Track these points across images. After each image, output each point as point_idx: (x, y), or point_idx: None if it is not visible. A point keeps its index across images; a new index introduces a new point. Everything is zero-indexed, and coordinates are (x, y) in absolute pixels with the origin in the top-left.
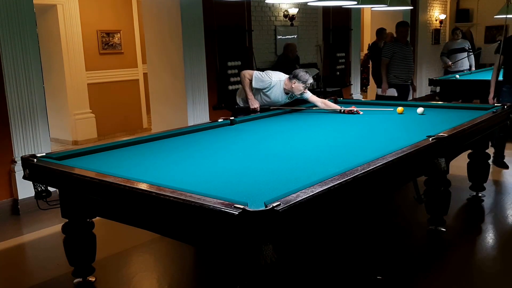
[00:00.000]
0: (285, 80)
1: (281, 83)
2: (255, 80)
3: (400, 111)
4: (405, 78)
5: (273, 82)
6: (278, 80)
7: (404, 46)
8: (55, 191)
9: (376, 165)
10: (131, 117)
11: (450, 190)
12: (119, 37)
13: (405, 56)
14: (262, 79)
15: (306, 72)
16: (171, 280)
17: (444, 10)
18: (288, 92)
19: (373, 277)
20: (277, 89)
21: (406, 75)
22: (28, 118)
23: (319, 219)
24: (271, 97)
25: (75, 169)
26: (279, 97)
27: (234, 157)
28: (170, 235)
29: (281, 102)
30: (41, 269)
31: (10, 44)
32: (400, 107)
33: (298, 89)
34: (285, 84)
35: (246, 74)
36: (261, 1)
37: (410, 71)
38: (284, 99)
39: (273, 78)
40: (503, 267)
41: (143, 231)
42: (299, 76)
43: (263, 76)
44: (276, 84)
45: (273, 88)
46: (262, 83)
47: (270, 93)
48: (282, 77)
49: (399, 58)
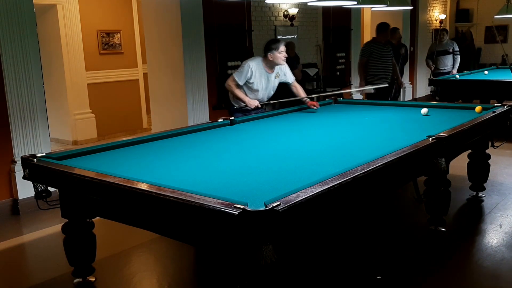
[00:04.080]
0: (262, 60)
1: (259, 63)
2: (238, 77)
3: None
4: (383, 77)
5: (251, 65)
6: (256, 62)
7: (382, 46)
8: (55, 191)
9: (376, 165)
10: (131, 117)
11: (450, 190)
12: (119, 37)
13: (382, 55)
14: (241, 70)
15: (274, 39)
16: (171, 280)
17: (444, 10)
18: (272, 69)
19: (373, 277)
20: (260, 73)
21: (384, 75)
22: (28, 118)
23: (319, 219)
24: (259, 84)
25: (75, 169)
26: (267, 80)
27: (234, 157)
28: (170, 235)
29: (272, 87)
30: (41, 269)
31: (10, 44)
32: (478, 107)
33: (277, 58)
34: (264, 63)
35: (229, 81)
36: (261, 1)
37: (387, 70)
38: (273, 81)
39: (249, 61)
40: (503, 267)
41: (143, 231)
42: (270, 47)
43: (240, 68)
44: (255, 66)
45: (256, 73)
46: (244, 74)
47: (256, 80)
48: (257, 59)
49: (376, 57)
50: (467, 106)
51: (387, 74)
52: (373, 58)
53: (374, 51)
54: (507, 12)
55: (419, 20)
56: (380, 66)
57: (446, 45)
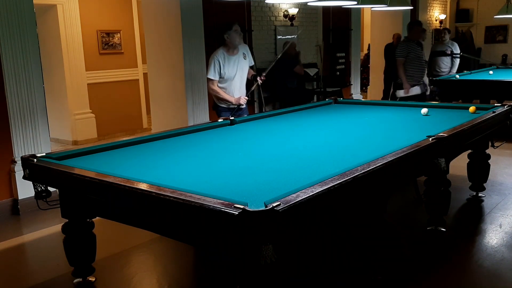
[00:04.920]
0: (222, 48)
1: (222, 52)
2: (211, 75)
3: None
4: (419, 78)
5: (216, 57)
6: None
7: (416, 45)
8: (55, 191)
9: (376, 165)
10: (131, 117)
11: (450, 190)
12: (119, 37)
13: (418, 55)
14: (210, 67)
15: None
16: (171, 280)
17: (444, 10)
18: (236, 50)
19: (373, 277)
20: (227, 61)
21: (420, 75)
22: (28, 118)
23: (319, 219)
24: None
25: (75, 169)
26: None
27: (234, 157)
28: (170, 235)
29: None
30: (41, 269)
31: (10, 44)
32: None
33: (234, 38)
34: (226, 49)
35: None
36: (261, 1)
37: (423, 71)
38: (242, 61)
39: (213, 55)
40: (503, 267)
41: (143, 231)
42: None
43: (209, 67)
44: (220, 56)
45: (223, 62)
46: (213, 67)
47: (226, 69)
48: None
49: (413, 58)
50: (467, 106)
51: (423, 74)
52: (410, 58)
53: (411, 51)
54: (507, 12)
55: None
56: (416, 67)
57: (445, 45)
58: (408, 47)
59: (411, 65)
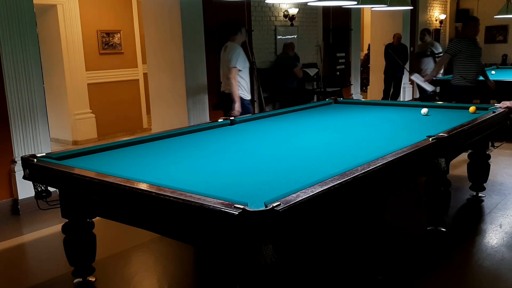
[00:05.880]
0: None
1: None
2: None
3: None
4: (472, 79)
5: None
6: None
7: (471, 43)
8: (55, 191)
9: (376, 165)
10: (131, 117)
11: (450, 190)
12: (119, 37)
13: (473, 54)
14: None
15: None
16: (171, 280)
17: (444, 10)
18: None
19: (373, 277)
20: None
21: (474, 76)
22: (28, 118)
23: (319, 219)
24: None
25: (75, 169)
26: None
27: (234, 157)
28: (170, 235)
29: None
30: (41, 269)
31: (10, 44)
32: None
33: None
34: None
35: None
36: (261, 1)
37: (478, 72)
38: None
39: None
40: (503, 267)
41: (143, 231)
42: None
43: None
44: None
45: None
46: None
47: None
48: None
49: (466, 56)
50: (467, 106)
51: (478, 75)
52: (461, 56)
53: (463, 49)
54: (507, 12)
55: (419, 20)
56: (469, 66)
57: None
58: (459, 44)
59: (462, 64)
